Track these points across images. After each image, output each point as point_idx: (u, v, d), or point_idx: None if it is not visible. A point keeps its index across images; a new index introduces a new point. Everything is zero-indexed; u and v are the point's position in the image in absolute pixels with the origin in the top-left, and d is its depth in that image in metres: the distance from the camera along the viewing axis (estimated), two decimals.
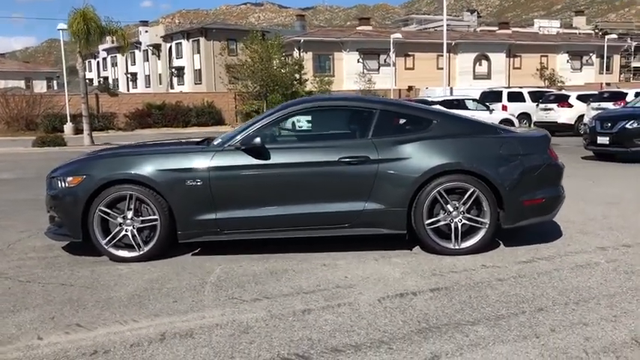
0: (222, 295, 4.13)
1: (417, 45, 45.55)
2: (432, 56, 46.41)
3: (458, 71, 47.08)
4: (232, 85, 36.75)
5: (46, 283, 4.54)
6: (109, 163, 5.14)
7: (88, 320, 3.72)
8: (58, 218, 5.23)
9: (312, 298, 4.03)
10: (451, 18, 71.14)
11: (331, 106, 5.59)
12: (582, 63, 51.48)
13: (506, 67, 48.83)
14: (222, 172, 4.99)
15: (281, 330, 3.46)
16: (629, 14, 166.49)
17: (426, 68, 45.65)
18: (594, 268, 4.53)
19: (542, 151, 5.15)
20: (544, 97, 22.16)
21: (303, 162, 5.01)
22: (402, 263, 4.82)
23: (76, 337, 3.45)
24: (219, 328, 3.51)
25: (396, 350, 3.14)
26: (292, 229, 5.07)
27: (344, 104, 5.62)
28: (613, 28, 67.48)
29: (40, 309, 3.95)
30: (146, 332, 3.49)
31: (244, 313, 3.76)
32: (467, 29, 61.22)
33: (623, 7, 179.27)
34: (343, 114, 5.57)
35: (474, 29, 62.37)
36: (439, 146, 5.02)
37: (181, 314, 3.77)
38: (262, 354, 3.14)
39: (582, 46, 52.56)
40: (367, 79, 41.20)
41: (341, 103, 5.65)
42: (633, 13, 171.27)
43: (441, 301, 3.90)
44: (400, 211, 4.98)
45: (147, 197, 4.99)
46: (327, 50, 43.42)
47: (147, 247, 5.07)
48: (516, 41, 49.78)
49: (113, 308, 3.93)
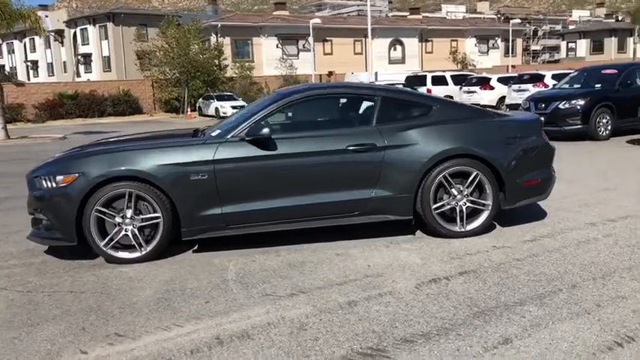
0: (253, 293, 4.00)
1: (334, 30, 45.84)
2: (349, 41, 46.94)
3: (375, 56, 47.78)
4: (148, 72, 35.38)
5: (51, 291, 4.21)
6: (104, 159, 4.80)
7: (125, 328, 3.49)
8: (47, 221, 4.84)
9: (349, 289, 3.99)
10: (364, 4, 72.09)
11: (333, 94, 5.53)
12: (489, 47, 53.87)
13: (419, 52, 50.23)
14: (228, 165, 4.81)
15: (338, 324, 3.41)
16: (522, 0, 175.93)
17: (344, 53, 46.11)
18: (597, 244, 4.79)
19: (537, 133, 5.36)
20: (467, 80, 23.02)
21: (311, 151, 4.93)
22: (414, 249, 4.88)
23: (124, 347, 3.23)
24: (274, 327, 3.41)
25: (466, 336, 3.18)
26: (301, 220, 4.98)
27: (346, 92, 5.58)
28: (513, 14, 71.02)
29: (62, 320, 3.66)
30: (198, 337, 3.32)
31: (289, 310, 3.66)
32: (379, 14, 62.22)
33: None
34: (345, 101, 5.52)
35: (386, 15, 63.67)
36: (443, 132, 5.09)
37: (223, 315, 3.62)
38: (335, 350, 3.08)
39: (488, 30, 54.98)
40: (288, 64, 41.02)
41: (342, 90, 5.61)
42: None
43: (476, 284, 3.98)
44: (407, 196, 5.02)
45: (147, 194, 4.73)
46: (245, 35, 42.76)
47: (149, 246, 4.81)
48: (428, 26, 51.27)
49: (144, 314, 3.71)
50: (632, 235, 5.00)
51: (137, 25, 48.94)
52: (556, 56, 70.96)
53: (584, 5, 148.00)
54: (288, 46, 44.20)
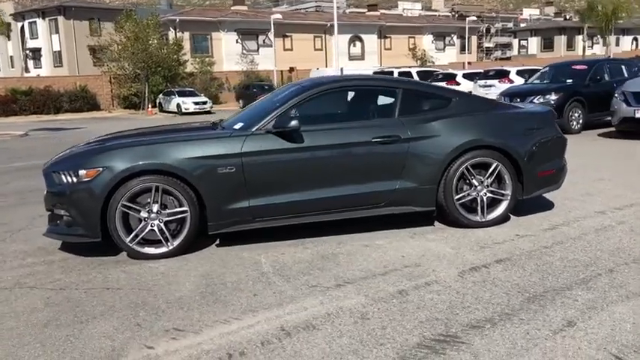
0: (298, 285, 3.99)
1: (294, 26, 45.73)
2: (310, 37, 46.99)
3: (334, 52, 47.95)
4: (106, 67, 34.45)
5: (85, 288, 4.09)
6: (129, 152, 4.68)
7: (181, 323, 3.42)
8: (69, 217, 4.69)
9: (393, 279, 4.02)
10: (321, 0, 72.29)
11: (356, 86, 5.55)
12: (445, 44, 54.84)
13: (378, 48, 50.68)
14: (255, 158, 4.77)
15: (398, 313, 3.44)
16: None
17: (304, 49, 46.10)
18: (614, 231, 4.97)
19: (551, 125, 5.52)
20: (432, 76, 23.38)
21: (337, 143, 4.93)
22: (440, 239, 4.95)
23: (190, 341, 3.17)
24: (335, 317, 3.41)
25: (529, 320, 3.26)
26: (328, 212, 4.99)
27: (368, 84, 5.60)
28: (467, 11, 72.53)
29: (111, 317, 3.56)
30: (262, 329, 3.29)
31: (343, 300, 3.67)
32: (337, 10, 62.40)
33: None
34: (368, 94, 5.53)
35: (344, 11, 63.92)
36: (464, 123, 5.18)
37: (277, 307, 3.60)
38: (408, 337, 3.11)
39: (445, 27, 55.95)
40: (249, 59, 40.71)
41: (365, 82, 5.63)
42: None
43: (516, 271, 4.08)
44: (430, 188, 5.09)
45: (174, 188, 4.64)
46: (204, 30, 42.18)
47: (176, 241, 4.73)
48: (386, 23, 51.78)
49: (195, 308, 3.65)
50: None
51: (89, 19, 47.62)
52: (508, 53, 72.82)
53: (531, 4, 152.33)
54: (248, 42, 43.86)
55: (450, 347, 2.98)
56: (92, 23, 47.41)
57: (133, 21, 33.31)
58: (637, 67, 14.93)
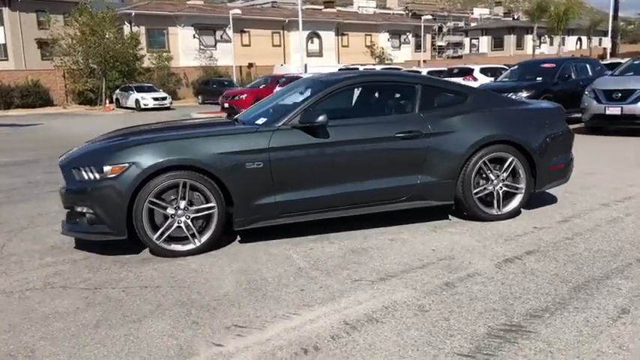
0: (341, 279, 4.00)
1: (253, 22, 45.35)
2: (268, 33, 46.71)
3: (292, 48, 47.93)
4: (59, 61, 33.27)
5: (122, 287, 3.98)
6: (157, 148, 4.57)
7: (241, 320, 3.39)
8: (92, 214, 4.55)
9: (434, 272, 4.08)
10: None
11: (378, 81, 5.59)
12: (400, 42, 55.51)
13: (335, 45, 50.85)
14: (282, 153, 4.74)
15: (454, 304, 3.50)
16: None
17: (262, 45, 45.80)
18: (625, 222, 5.18)
19: (561, 120, 5.70)
20: None
21: (362, 138, 4.96)
22: (462, 232, 5.05)
23: (258, 338, 3.15)
24: (394, 310, 3.44)
25: (584, 309, 3.37)
26: (352, 207, 5.01)
27: (389, 79, 5.65)
28: (421, 10, 73.66)
29: (162, 315, 3.49)
30: (326, 323, 3.29)
31: (393, 293, 3.71)
32: (293, 6, 62.24)
33: None
34: (388, 89, 5.57)
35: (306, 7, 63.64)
36: (481, 119, 5.29)
37: (332, 302, 3.60)
38: (475, 328, 3.17)
39: (400, 26, 56.62)
40: (208, 55, 40.15)
41: (386, 78, 5.69)
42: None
43: (550, 262, 4.21)
44: (450, 182, 5.18)
45: (202, 184, 4.57)
46: (160, 25, 41.32)
47: (203, 238, 4.66)
48: (344, 20, 51.98)
49: (247, 304, 3.61)
50: None
51: (36, 11, 45.83)
52: (459, 52, 74.36)
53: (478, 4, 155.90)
54: (205, 37, 43.24)
55: (520, 336, 3.05)
56: (40, 15, 45.67)
57: (88, 14, 32.36)
58: (600, 66, 15.55)
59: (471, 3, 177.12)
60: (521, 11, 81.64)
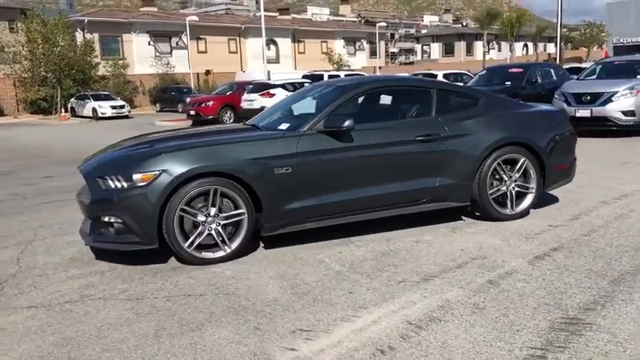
0: (384, 281, 4.05)
1: (209, 28, 44.92)
2: (224, 40, 46.38)
3: (250, 55, 47.75)
4: (10, 69, 32.12)
5: (165, 297, 3.92)
6: (187, 154, 4.52)
7: (302, 324, 3.39)
8: (120, 224, 4.45)
9: (472, 271, 4.18)
10: (231, 2, 71.62)
11: (396, 86, 5.69)
12: (355, 48, 56.08)
13: (292, 52, 50.94)
14: (310, 158, 4.77)
15: (507, 301, 3.60)
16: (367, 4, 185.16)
17: (218, 52, 45.42)
18: (631, 218, 5.42)
19: (565, 122, 5.94)
20: None
21: (385, 142, 5.04)
22: (481, 232, 5.18)
23: (329, 341, 3.16)
24: (451, 309, 3.51)
25: (632, 300, 3.53)
26: (376, 209, 5.08)
27: (406, 84, 5.75)
28: (373, 17, 74.65)
29: (220, 322, 3.46)
30: (390, 324, 3.34)
31: (443, 293, 3.78)
32: (247, 13, 62.16)
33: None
34: (406, 93, 5.66)
35: (254, 14, 63.58)
36: (494, 121, 5.46)
37: (386, 303, 3.65)
38: (537, 322, 3.28)
39: (355, 32, 57.22)
40: (165, 62, 39.54)
41: (403, 83, 5.77)
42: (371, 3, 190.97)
43: (578, 257, 4.37)
44: (467, 184, 5.32)
45: (232, 190, 4.55)
46: (114, 32, 40.41)
47: (233, 244, 4.63)
48: (300, 27, 52.15)
49: (301, 309, 3.62)
50: None
51: None
52: (411, 58, 75.76)
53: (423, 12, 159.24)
54: (160, 44, 42.55)
55: (583, 329, 3.18)
56: None
57: (39, 21, 31.39)
58: (562, 70, 16.17)
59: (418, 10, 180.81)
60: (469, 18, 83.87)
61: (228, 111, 21.13)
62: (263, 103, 19.39)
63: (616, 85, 11.99)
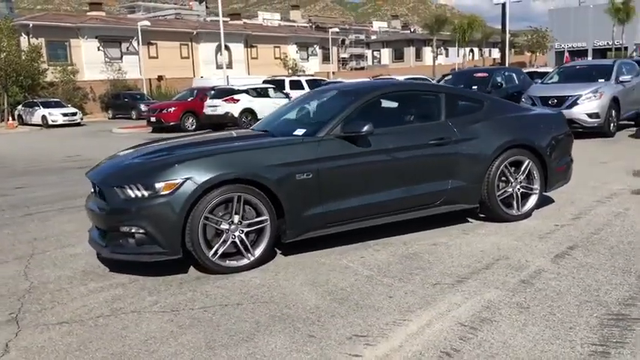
0: (419, 284, 4.07)
1: (160, 33, 44.10)
2: (176, 45, 45.67)
3: (202, 60, 47.21)
4: None
5: (200, 307, 3.82)
6: (209, 161, 4.42)
7: (355, 330, 3.37)
8: (142, 234, 4.31)
9: (501, 271, 4.26)
10: (181, 7, 70.59)
11: (407, 90, 5.75)
12: (308, 54, 56.27)
13: (245, 57, 50.63)
14: (329, 163, 4.76)
15: (548, 299, 3.68)
16: (314, 9, 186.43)
17: (170, 57, 44.69)
18: (630, 216, 5.64)
19: (563, 124, 6.13)
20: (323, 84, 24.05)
21: (400, 146, 5.08)
22: (492, 233, 5.29)
23: (390, 345, 3.16)
24: (497, 310, 3.57)
25: None
26: (392, 213, 5.11)
27: (415, 88, 5.85)
28: (323, 23, 75.13)
29: (270, 331, 3.40)
30: (443, 327, 3.36)
31: (481, 294, 3.83)
32: (197, 18, 61.44)
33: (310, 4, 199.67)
34: (416, 98, 5.71)
35: (204, 19, 63.04)
36: (500, 124, 5.59)
37: (430, 306, 3.67)
38: (587, 320, 3.36)
39: (307, 38, 57.41)
40: (116, 68, 38.57)
41: (412, 87, 5.85)
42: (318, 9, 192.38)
43: (597, 256, 4.51)
44: (477, 186, 5.42)
45: (255, 197, 4.48)
46: (61, 37, 39.13)
47: (257, 252, 4.56)
48: (252, 32, 51.91)
49: (347, 315, 3.59)
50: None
51: None
52: (362, 63, 76.62)
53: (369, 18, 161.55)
54: (110, 49, 41.50)
55: (633, 324, 3.28)
56: None
57: None
58: (523, 74, 16.69)
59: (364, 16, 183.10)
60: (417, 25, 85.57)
61: (190, 117, 20.81)
62: (227, 108, 19.26)
63: (580, 88, 12.47)
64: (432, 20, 54.85)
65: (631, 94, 13.34)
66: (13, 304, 4.04)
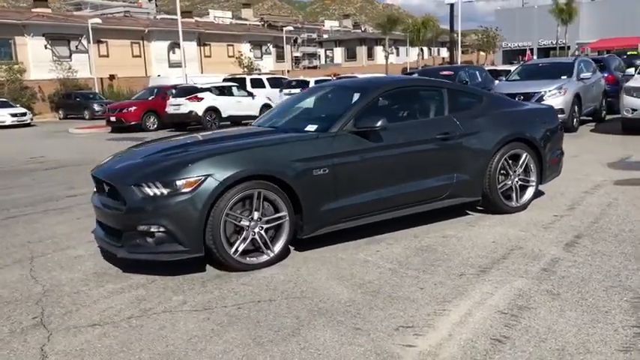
0: (445, 274, 4.14)
1: (110, 31, 42.95)
2: (127, 43, 44.57)
3: (154, 58, 46.25)
4: None
5: (233, 305, 3.78)
6: (231, 158, 4.37)
7: (400, 321, 3.40)
8: (162, 233, 4.22)
9: (519, 261, 4.38)
10: (129, 5, 68.88)
11: (410, 85, 5.81)
12: (262, 52, 55.96)
13: (198, 55, 49.91)
14: (344, 158, 4.78)
15: (576, 286, 3.82)
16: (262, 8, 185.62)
17: (121, 56, 43.58)
18: (621, 206, 5.88)
19: (555, 118, 6.33)
20: (285, 82, 24.04)
21: (410, 141, 5.15)
22: (497, 224, 5.42)
23: (440, 335, 3.20)
24: (529, 297, 3.67)
25: None
26: (402, 207, 5.17)
27: (420, 83, 5.92)
28: (275, 21, 74.89)
29: (314, 325, 3.39)
30: (484, 315, 3.43)
31: (510, 283, 3.93)
32: (147, 16, 60.14)
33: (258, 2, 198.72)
34: (421, 93, 5.78)
35: (154, 17, 61.75)
36: (499, 119, 5.73)
37: (464, 296, 3.74)
38: (619, 304, 3.50)
39: (261, 36, 57.08)
40: (65, 67, 37.30)
41: (416, 82, 5.92)
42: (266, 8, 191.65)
43: (605, 244, 4.68)
44: (479, 179, 5.54)
45: (274, 193, 4.46)
46: (5, 34, 37.49)
47: (276, 248, 4.54)
48: (205, 30, 51.23)
49: (384, 307, 3.62)
50: (629, 195, 6.25)
51: None
52: (314, 62, 76.79)
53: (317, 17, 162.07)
54: (58, 47, 40.13)
55: None
56: None
57: None
58: (485, 72, 17.13)
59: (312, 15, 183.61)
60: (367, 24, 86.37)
61: (152, 116, 20.38)
62: (191, 107, 18.97)
63: (545, 85, 12.89)
64: (384, 20, 55.48)
65: (590, 90, 13.88)
66: (32, 308, 3.89)
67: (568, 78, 13.21)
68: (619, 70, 17.29)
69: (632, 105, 11.47)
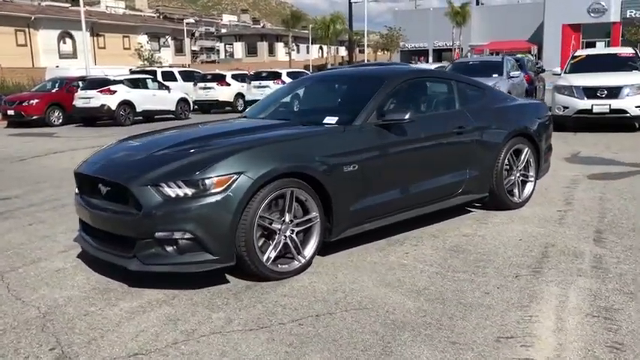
0: (499, 277, 3.89)
1: None
2: (10, 30, 40.99)
3: (42, 49, 42.87)
4: None
5: (291, 320, 3.29)
6: (263, 153, 3.84)
7: (495, 331, 3.09)
8: (187, 240, 3.61)
9: (562, 259, 4.21)
10: None
11: (423, 77, 5.48)
12: (160, 45, 53.68)
13: (91, 46, 46.87)
14: (371, 154, 4.39)
15: (616, 277, 3.72)
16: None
17: (3, 44, 39.97)
18: (612, 200, 5.93)
19: (548, 113, 6.30)
20: (200, 76, 23.08)
21: (432, 134, 4.89)
22: (508, 222, 5.25)
23: (546, 344, 2.92)
24: (606, 297, 3.49)
25: None
26: (421, 205, 4.86)
27: (430, 75, 5.64)
28: (171, 13, 72.18)
29: (400, 341, 3.00)
30: (579, 320, 3.20)
31: (574, 283, 3.74)
32: (39, 3, 55.47)
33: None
34: (433, 85, 5.47)
35: (39, 3, 57.03)
36: (503, 113, 5.60)
37: (538, 299, 3.50)
38: None
39: (159, 28, 54.71)
40: None
41: (427, 74, 5.61)
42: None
43: (627, 238, 4.64)
44: (488, 174, 5.37)
45: (305, 191, 3.99)
46: None
47: (307, 253, 4.07)
48: (99, 20, 48.22)
49: (467, 317, 3.30)
50: (612, 190, 6.37)
51: None
52: (213, 57, 74.98)
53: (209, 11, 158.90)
54: None
55: None
56: None
57: None
58: None
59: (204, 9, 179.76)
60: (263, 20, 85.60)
61: (57, 110, 18.65)
62: (103, 100, 17.62)
63: None
64: (287, 16, 55.18)
65: (517, 89, 14.38)
66: (41, 336, 3.17)
67: (499, 76, 13.58)
68: (531, 70, 18.15)
69: (564, 103, 11.95)
